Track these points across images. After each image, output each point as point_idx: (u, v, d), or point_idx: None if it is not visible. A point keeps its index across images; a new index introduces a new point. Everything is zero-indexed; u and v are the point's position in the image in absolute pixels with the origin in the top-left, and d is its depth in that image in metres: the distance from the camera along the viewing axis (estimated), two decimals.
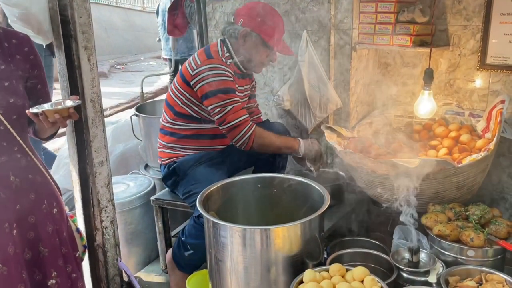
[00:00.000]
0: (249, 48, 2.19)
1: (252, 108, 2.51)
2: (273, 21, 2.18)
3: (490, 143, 2.02)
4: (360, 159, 2.11)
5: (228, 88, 2.13)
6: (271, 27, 2.16)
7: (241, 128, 2.15)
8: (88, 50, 1.95)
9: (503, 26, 2.24)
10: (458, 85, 2.48)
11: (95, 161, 2.05)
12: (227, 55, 2.23)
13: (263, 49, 2.19)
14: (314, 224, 1.74)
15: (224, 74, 2.13)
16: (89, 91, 1.97)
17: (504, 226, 1.82)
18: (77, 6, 1.87)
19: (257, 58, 2.21)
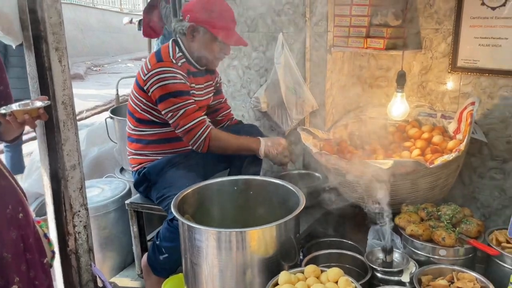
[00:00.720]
0: (199, 43, 2.16)
1: (221, 104, 2.50)
2: (219, 12, 2.12)
3: (461, 144, 2.07)
4: (335, 161, 2.13)
5: (179, 91, 2.09)
6: (218, 19, 2.11)
7: (196, 131, 2.11)
8: (59, 51, 1.91)
9: (473, 30, 2.31)
10: (430, 87, 2.54)
11: (67, 165, 2.00)
12: (179, 55, 2.19)
13: (212, 43, 2.14)
14: (290, 226, 1.74)
15: (174, 77, 2.09)
16: (61, 93, 1.93)
17: (475, 226, 1.86)
18: (47, 7, 1.83)
19: (208, 53, 2.17)
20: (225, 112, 2.51)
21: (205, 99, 2.33)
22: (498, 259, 1.78)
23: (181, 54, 2.20)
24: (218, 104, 2.48)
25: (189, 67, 2.21)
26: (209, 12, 2.08)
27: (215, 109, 2.49)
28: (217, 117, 2.50)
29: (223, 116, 2.51)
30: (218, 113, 2.50)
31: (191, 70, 2.22)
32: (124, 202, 2.56)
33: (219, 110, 2.49)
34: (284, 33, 2.55)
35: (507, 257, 1.74)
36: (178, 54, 2.20)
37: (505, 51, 2.23)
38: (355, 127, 2.66)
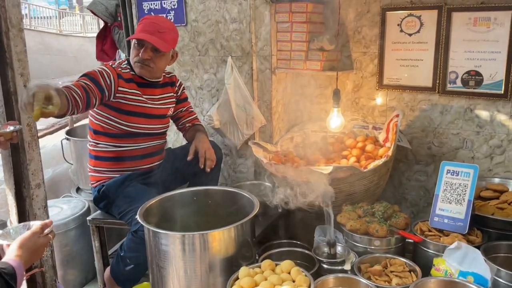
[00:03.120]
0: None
1: (182, 113, 2.65)
2: (142, 21, 2.34)
3: (389, 151, 2.40)
4: (283, 169, 2.38)
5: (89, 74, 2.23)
6: (139, 26, 2.33)
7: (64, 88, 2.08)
8: (24, 76, 2.04)
9: (395, 53, 2.68)
10: (362, 102, 2.88)
11: (32, 184, 2.10)
12: (125, 66, 2.38)
13: (132, 47, 2.34)
14: (246, 228, 1.96)
15: (100, 69, 2.27)
16: (25, 116, 2.04)
17: (403, 219, 2.18)
18: (13, 36, 1.97)
19: (132, 58, 2.35)
20: (184, 120, 2.65)
21: (160, 108, 2.47)
22: (422, 246, 2.09)
23: (127, 66, 2.39)
24: (179, 113, 2.64)
25: (137, 78, 2.38)
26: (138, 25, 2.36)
27: (176, 118, 2.66)
28: (178, 125, 2.68)
29: (182, 125, 2.67)
30: (178, 122, 2.67)
31: (139, 81, 2.38)
32: (84, 220, 2.66)
33: (179, 119, 2.65)
34: (232, 56, 2.80)
35: (430, 243, 2.06)
36: (124, 65, 2.39)
37: (421, 71, 2.61)
38: (300, 139, 2.94)
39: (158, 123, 2.47)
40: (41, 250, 1.52)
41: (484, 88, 2.45)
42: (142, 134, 2.41)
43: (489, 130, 2.51)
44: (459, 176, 2.11)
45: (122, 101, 2.32)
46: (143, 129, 2.40)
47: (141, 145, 2.42)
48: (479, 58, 2.43)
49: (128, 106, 2.33)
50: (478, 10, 2.38)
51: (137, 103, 2.36)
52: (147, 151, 2.45)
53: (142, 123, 2.39)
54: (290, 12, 2.65)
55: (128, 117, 2.34)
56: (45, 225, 1.52)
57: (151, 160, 2.48)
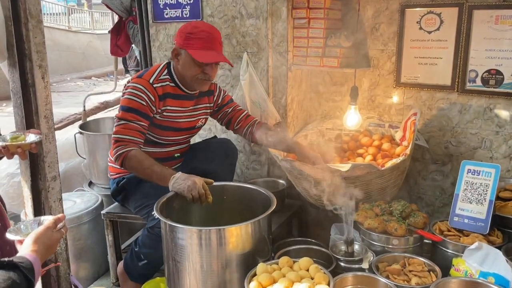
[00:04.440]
0: (182, 66, 2.23)
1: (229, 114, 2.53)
2: (198, 33, 2.17)
3: (407, 149, 2.37)
4: (299, 166, 2.36)
5: (131, 108, 2.18)
6: (197, 40, 2.16)
7: (118, 144, 2.16)
8: (42, 68, 2.02)
9: (413, 51, 2.65)
10: (378, 100, 2.85)
11: (48, 176, 2.09)
12: (165, 78, 2.28)
13: (193, 64, 2.19)
14: (263, 224, 1.94)
15: (138, 95, 2.19)
16: (43, 108, 2.03)
17: (421, 218, 2.15)
18: (32, 27, 1.95)
19: (190, 74, 2.23)
20: (238, 119, 2.53)
21: (188, 121, 2.40)
22: (441, 245, 2.06)
23: (168, 77, 2.30)
24: (226, 116, 2.54)
25: (173, 90, 2.30)
26: (188, 35, 2.18)
27: (227, 120, 2.56)
28: (234, 127, 2.56)
29: (239, 124, 2.53)
30: (232, 123, 2.55)
31: (175, 93, 2.30)
32: (97, 214, 2.66)
33: (231, 120, 2.54)
34: (248, 52, 2.78)
35: (449, 243, 2.04)
36: (164, 77, 2.29)
37: (440, 69, 2.57)
38: (314, 137, 2.92)
39: (185, 134, 2.45)
40: (55, 244, 1.51)
41: (504, 88, 2.41)
42: (168, 143, 2.41)
43: (509, 130, 2.47)
44: (480, 176, 2.07)
45: (157, 116, 2.30)
46: (170, 140, 2.40)
47: (164, 149, 2.42)
48: (500, 56, 2.39)
49: (160, 121, 2.31)
50: (500, 8, 2.34)
51: (170, 119, 2.33)
52: (170, 154, 2.44)
53: (170, 135, 2.38)
54: (307, 8, 2.63)
55: (157, 130, 2.33)
56: (58, 220, 1.51)
57: (173, 163, 2.47)
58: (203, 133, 3.03)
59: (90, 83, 12.17)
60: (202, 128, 3.00)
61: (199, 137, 3.03)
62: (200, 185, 2.03)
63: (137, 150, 2.18)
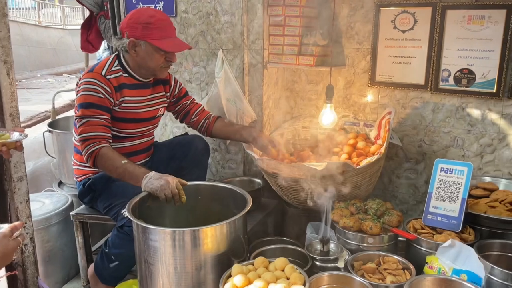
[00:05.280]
0: (142, 57, 2.19)
1: (188, 106, 2.53)
2: (155, 23, 2.14)
3: (381, 148, 2.38)
4: (275, 165, 2.34)
5: (91, 103, 2.13)
6: (156, 30, 2.14)
7: (88, 143, 2.11)
8: (7, 64, 1.93)
9: (388, 50, 2.66)
10: (353, 99, 2.86)
11: (14, 177, 2.00)
12: (117, 69, 2.23)
13: (156, 53, 2.17)
14: (238, 224, 1.91)
15: (93, 89, 2.13)
16: (8, 105, 1.94)
17: (396, 216, 2.16)
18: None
19: (153, 64, 2.20)
20: (196, 112, 2.54)
21: (148, 110, 2.36)
22: (415, 243, 2.08)
23: (119, 67, 2.25)
24: (184, 108, 2.54)
25: (127, 80, 2.26)
26: (146, 25, 2.13)
27: (184, 113, 2.55)
28: (191, 120, 2.55)
29: (196, 117, 2.54)
30: (189, 116, 2.54)
31: (130, 83, 2.26)
32: (67, 215, 2.57)
33: (189, 112, 2.54)
34: (223, 49, 2.73)
35: (422, 241, 2.05)
36: (116, 68, 2.24)
37: (414, 68, 2.60)
38: (290, 135, 2.91)
39: (147, 125, 2.40)
40: (11, 253, 1.44)
41: (476, 87, 2.46)
42: (130, 135, 2.35)
43: (480, 129, 2.52)
44: (453, 174, 2.10)
45: (116, 108, 2.24)
46: (132, 133, 2.34)
47: (128, 143, 2.35)
48: (472, 56, 2.43)
49: (120, 113, 2.25)
50: (472, 8, 2.38)
51: (130, 109, 2.28)
52: (135, 148, 2.38)
53: (131, 128, 2.32)
54: (283, 5, 2.61)
55: (118, 123, 2.26)
56: (15, 228, 1.45)
57: (138, 158, 2.42)
58: (177, 131, 2.98)
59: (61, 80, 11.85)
60: (176, 126, 2.97)
61: (172, 134, 2.99)
62: (174, 185, 1.99)
63: (108, 147, 2.13)
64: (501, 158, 2.50)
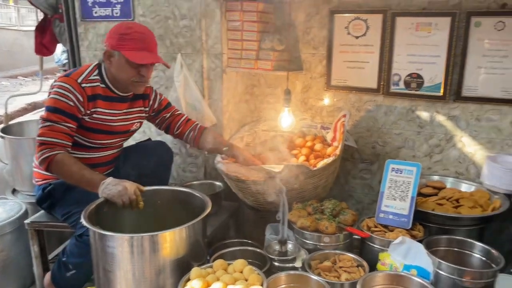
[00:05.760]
0: (116, 68, 2.16)
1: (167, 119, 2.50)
2: (132, 34, 2.11)
3: (337, 150, 2.47)
4: (235, 168, 2.37)
5: (58, 108, 2.09)
6: (131, 41, 2.10)
7: (43, 147, 2.05)
8: None
9: (342, 55, 2.76)
10: (311, 103, 2.94)
11: None
12: (95, 78, 2.19)
13: (128, 66, 2.13)
14: (198, 228, 1.92)
15: (65, 95, 2.09)
16: None
17: (350, 215, 2.24)
18: None
19: (124, 76, 2.16)
20: (178, 123, 2.50)
21: (122, 124, 2.32)
22: (368, 241, 2.16)
23: (98, 77, 2.21)
24: (165, 121, 2.51)
25: (103, 91, 2.22)
26: (121, 35, 2.11)
27: (166, 125, 2.52)
28: (174, 132, 2.52)
29: (179, 129, 2.50)
30: (172, 128, 2.51)
31: (105, 94, 2.22)
32: (21, 223, 2.49)
33: (170, 125, 2.51)
34: (182, 54, 2.74)
35: (375, 239, 2.14)
36: (94, 77, 2.20)
37: (367, 73, 2.71)
38: (250, 139, 2.95)
39: (118, 137, 2.36)
40: None
41: (424, 90, 2.58)
42: (99, 146, 2.31)
43: (429, 130, 2.65)
44: (403, 174, 2.20)
45: (86, 118, 2.19)
46: (101, 144, 2.30)
47: (95, 154, 2.32)
48: (421, 61, 2.56)
49: (90, 123, 2.21)
50: (420, 15, 2.50)
51: (101, 121, 2.23)
52: (101, 160, 2.35)
53: (102, 139, 2.29)
54: (241, 11, 2.64)
55: (87, 133, 2.22)
56: None
57: (105, 169, 2.39)
58: (137, 135, 2.95)
59: (16, 83, 11.41)
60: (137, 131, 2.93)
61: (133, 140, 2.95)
62: (132, 191, 1.99)
63: (65, 154, 2.08)
64: (449, 157, 2.64)
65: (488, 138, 2.52)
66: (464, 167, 2.61)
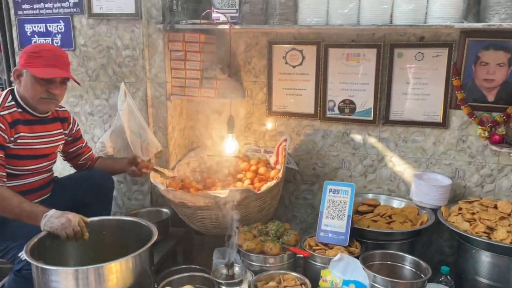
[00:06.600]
0: (25, 86, 2.17)
1: (82, 149, 2.59)
2: (41, 52, 2.16)
3: (279, 173, 2.59)
4: (181, 195, 2.42)
5: None
6: (38, 59, 2.14)
7: None
8: None
9: (281, 83, 2.92)
10: (254, 128, 3.06)
11: None
12: (11, 104, 2.18)
13: (35, 83, 2.15)
14: (144, 257, 1.94)
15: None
16: None
17: (293, 236, 2.36)
18: None
19: (33, 93, 2.17)
20: (86, 155, 2.60)
21: (46, 147, 2.32)
22: (311, 259, 2.28)
23: (13, 103, 2.20)
24: (78, 150, 2.57)
25: (22, 116, 2.21)
26: (30, 54, 2.15)
27: (76, 154, 2.56)
28: (79, 161, 2.59)
29: (85, 160, 2.60)
30: (79, 157, 2.58)
31: (24, 119, 2.22)
32: None
33: (80, 155, 2.58)
34: (126, 82, 2.77)
35: (317, 257, 2.26)
36: (9, 103, 2.19)
37: (305, 99, 2.88)
38: (196, 164, 3.01)
39: (45, 161, 2.35)
40: None
41: (357, 115, 2.79)
42: (27, 173, 2.27)
43: (363, 151, 2.85)
44: (340, 194, 2.36)
45: (11, 145, 2.16)
46: (28, 170, 2.27)
47: (24, 181, 2.27)
48: (352, 88, 2.76)
49: (15, 150, 2.18)
50: (349, 47, 2.72)
51: (25, 146, 2.21)
52: (32, 186, 2.31)
53: (28, 164, 2.26)
54: (183, 41, 2.73)
55: (14, 161, 2.19)
56: None
57: (38, 195, 2.34)
58: None
59: None
60: None
61: None
62: (76, 222, 1.97)
63: (3, 187, 2.04)
64: (381, 176, 2.85)
65: (415, 157, 2.75)
66: (395, 184, 2.83)
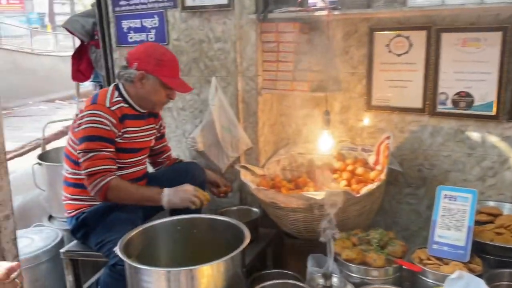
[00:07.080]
0: (148, 90, 2.23)
1: (164, 147, 2.60)
2: (167, 62, 2.24)
3: (381, 174, 2.32)
4: (273, 195, 2.26)
5: (97, 136, 2.12)
6: (166, 68, 2.22)
7: (96, 177, 2.10)
8: None
9: (383, 73, 2.63)
10: (350, 124, 2.81)
11: (0, 215, 1.91)
12: (118, 100, 2.24)
13: (162, 90, 2.24)
14: (237, 260, 1.82)
15: (99, 121, 2.13)
16: None
17: (399, 246, 2.08)
18: None
19: (156, 99, 2.26)
20: (166, 154, 2.62)
21: (144, 141, 2.38)
22: (421, 275, 1.99)
23: (120, 98, 2.25)
24: (163, 147, 2.59)
25: (128, 110, 2.27)
26: (158, 61, 2.20)
27: (158, 151, 2.57)
28: (159, 159, 2.59)
29: (164, 158, 2.60)
30: (160, 155, 2.59)
31: (130, 113, 2.27)
32: (56, 252, 2.46)
33: (162, 153, 2.59)
34: (217, 76, 2.69)
35: (429, 273, 1.96)
36: (116, 99, 2.25)
37: (410, 92, 2.56)
38: (286, 162, 2.84)
39: (142, 154, 2.41)
40: None
41: (475, 110, 2.41)
42: (126, 165, 2.32)
43: (481, 151, 2.47)
44: (457, 201, 2.03)
45: (118, 139, 2.23)
46: (128, 163, 2.32)
47: (124, 172, 2.30)
48: (470, 79, 2.39)
49: (121, 144, 2.24)
50: (467, 31, 2.35)
51: (129, 140, 2.28)
52: (128, 177, 2.32)
53: (129, 157, 2.32)
54: (276, 31, 2.58)
55: (118, 154, 2.24)
56: (12, 269, 1.35)
57: None
58: None
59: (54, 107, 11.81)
60: None
61: None
62: (193, 191, 2.17)
63: (117, 179, 2.14)
64: (504, 181, 2.44)
65: None
66: None
